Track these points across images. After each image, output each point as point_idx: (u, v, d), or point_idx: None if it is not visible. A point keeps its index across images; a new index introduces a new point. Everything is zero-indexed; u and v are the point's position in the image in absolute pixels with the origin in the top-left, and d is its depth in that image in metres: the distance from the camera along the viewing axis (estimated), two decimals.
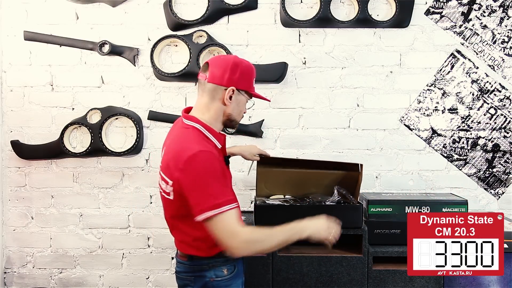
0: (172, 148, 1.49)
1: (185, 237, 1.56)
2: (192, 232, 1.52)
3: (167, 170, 1.48)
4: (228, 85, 1.51)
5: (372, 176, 2.47)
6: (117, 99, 2.49)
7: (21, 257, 2.55)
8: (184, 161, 1.39)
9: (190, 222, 1.46)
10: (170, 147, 1.51)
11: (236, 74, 1.52)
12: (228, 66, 1.52)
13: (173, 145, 1.50)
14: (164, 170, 1.50)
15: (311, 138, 2.48)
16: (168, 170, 1.47)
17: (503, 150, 2.45)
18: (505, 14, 2.42)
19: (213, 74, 1.51)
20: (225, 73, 1.51)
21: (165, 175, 1.49)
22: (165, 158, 1.52)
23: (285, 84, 2.45)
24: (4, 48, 2.49)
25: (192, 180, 1.39)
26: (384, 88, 2.46)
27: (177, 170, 1.42)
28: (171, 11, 2.41)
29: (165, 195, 1.53)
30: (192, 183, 1.39)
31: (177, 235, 1.60)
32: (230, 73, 1.51)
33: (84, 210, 2.52)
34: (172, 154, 1.47)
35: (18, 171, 2.52)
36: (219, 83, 1.51)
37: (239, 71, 1.53)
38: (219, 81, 1.51)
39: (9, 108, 2.50)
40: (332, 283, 2.01)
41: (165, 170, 1.49)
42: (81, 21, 2.47)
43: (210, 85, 1.52)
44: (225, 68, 1.51)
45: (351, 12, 2.43)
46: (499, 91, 2.44)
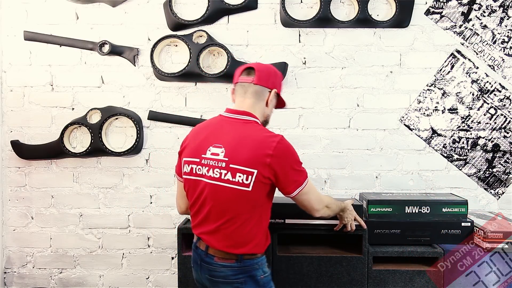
0: (247, 141, 1.56)
1: (244, 235, 1.57)
2: (259, 225, 1.59)
3: (247, 162, 1.53)
4: (272, 88, 1.68)
5: (372, 176, 2.47)
6: (117, 99, 2.49)
7: (21, 257, 2.55)
8: (274, 147, 1.54)
9: (261, 212, 1.59)
10: (243, 142, 1.56)
11: (278, 79, 1.72)
12: (272, 71, 1.70)
13: (248, 139, 1.56)
14: (243, 163, 1.53)
15: (311, 138, 2.48)
16: (249, 162, 1.53)
17: (503, 150, 2.45)
18: (505, 14, 2.42)
19: (261, 77, 1.65)
20: (270, 77, 1.68)
21: (245, 167, 1.53)
22: (240, 152, 1.54)
23: (285, 84, 2.45)
24: (4, 48, 2.49)
25: (287, 161, 1.57)
26: (384, 88, 2.46)
27: (267, 157, 1.53)
28: (171, 11, 2.41)
29: (239, 187, 1.54)
30: (287, 163, 1.57)
31: (228, 236, 1.58)
32: (273, 77, 1.69)
33: (84, 210, 2.52)
34: (252, 146, 1.54)
35: (18, 171, 2.52)
36: (265, 85, 1.66)
37: (279, 77, 1.73)
38: (265, 84, 1.66)
39: (9, 108, 2.50)
40: (332, 283, 2.01)
41: (245, 163, 1.53)
42: (81, 21, 2.47)
43: (257, 87, 1.65)
44: (270, 72, 1.69)
45: (351, 12, 2.43)
46: (499, 91, 2.44)
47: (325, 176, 2.48)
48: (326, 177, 2.48)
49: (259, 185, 1.54)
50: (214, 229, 1.58)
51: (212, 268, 1.60)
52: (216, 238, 1.59)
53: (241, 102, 1.66)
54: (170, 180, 2.49)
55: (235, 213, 1.56)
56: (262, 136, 1.57)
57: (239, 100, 1.67)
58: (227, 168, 1.54)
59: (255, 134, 1.58)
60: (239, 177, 1.53)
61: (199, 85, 2.47)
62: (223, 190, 1.55)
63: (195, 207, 1.64)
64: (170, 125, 2.48)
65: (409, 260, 2.07)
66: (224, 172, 1.54)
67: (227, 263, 1.58)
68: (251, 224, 1.57)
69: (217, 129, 1.62)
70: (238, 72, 1.70)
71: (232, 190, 1.54)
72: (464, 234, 2.10)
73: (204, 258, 1.62)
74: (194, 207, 1.64)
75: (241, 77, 1.67)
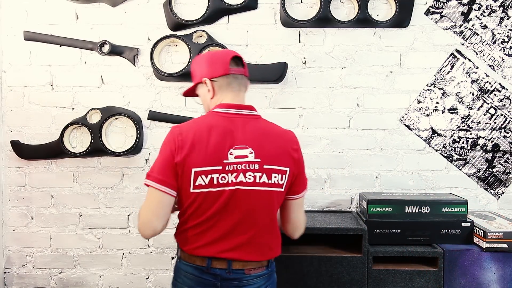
0: (272, 138, 1.44)
1: (275, 238, 1.50)
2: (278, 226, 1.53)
3: (280, 161, 1.42)
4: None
5: (372, 176, 2.47)
6: (117, 99, 2.49)
7: (21, 257, 2.55)
8: (295, 141, 1.49)
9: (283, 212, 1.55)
10: (267, 139, 1.43)
11: None
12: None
13: (271, 136, 1.45)
14: (276, 162, 1.42)
15: (311, 138, 2.48)
16: (281, 160, 1.43)
17: (503, 150, 2.45)
18: (505, 14, 2.42)
19: (246, 68, 1.55)
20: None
21: (279, 166, 1.42)
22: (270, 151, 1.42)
23: (285, 84, 2.45)
24: (4, 48, 2.49)
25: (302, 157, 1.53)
26: (384, 88, 2.46)
27: (294, 152, 1.47)
28: (171, 11, 2.41)
29: (275, 188, 1.42)
30: (303, 159, 1.53)
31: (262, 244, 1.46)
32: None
33: (84, 210, 2.52)
34: (279, 143, 1.45)
35: (18, 171, 2.52)
36: (247, 75, 1.56)
37: None
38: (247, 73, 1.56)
39: (9, 108, 2.50)
40: (332, 283, 2.01)
41: (278, 161, 1.42)
42: (81, 21, 2.47)
43: (246, 79, 1.55)
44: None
45: (351, 12, 2.43)
46: (499, 91, 2.44)
47: (325, 176, 2.48)
48: (326, 177, 2.48)
49: (289, 183, 1.46)
50: (246, 241, 1.42)
51: (242, 283, 1.43)
52: (248, 250, 1.43)
53: (238, 96, 1.49)
54: None
55: (269, 218, 1.44)
56: (281, 130, 1.47)
57: (234, 93, 1.49)
58: (261, 170, 1.39)
59: (274, 129, 1.47)
60: (274, 178, 1.41)
61: None
62: (258, 195, 1.40)
63: (208, 223, 1.41)
64: (170, 125, 2.48)
65: (409, 260, 2.07)
66: (259, 174, 1.39)
67: (260, 272, 1.46)
68: (277, 224, 1.51)
69: (229, 128, 1.41)
70: (222, 61, 1.48)
71: (268, 193, 1.41)
72: (464, 234, 2.11)
73: (227, 276, 1.42)
74: (206, 224, 1.41)
75: (233, 68, 1.49)
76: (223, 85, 1.49)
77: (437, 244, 2.09)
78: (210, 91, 1.50)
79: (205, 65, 1.51)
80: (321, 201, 2.48)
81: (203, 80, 1.50)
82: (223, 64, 1.48)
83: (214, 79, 1.49)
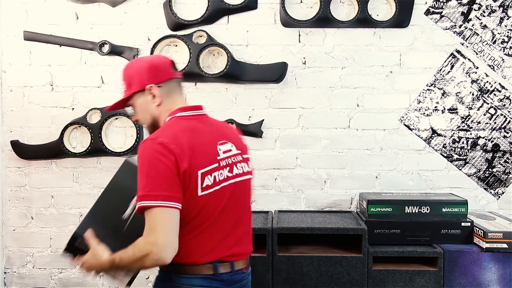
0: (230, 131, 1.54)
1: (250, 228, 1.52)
2: None
3: (246, 148, 1.52)
4: None
5: (372, 176, 2.47)
6: (117, 99, 2.47)
7: (21, 257, 2.55)
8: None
9: None
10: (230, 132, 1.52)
11: None
12: None
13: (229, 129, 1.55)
14: (245, 150, 1.51)
15: (311, 138, 2.48)
16: (245, 147, 1.52)
17: (503, 150, 2.45)
18: (505, 14, 2.42)
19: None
20: None
21: (248, 154, 1.52)
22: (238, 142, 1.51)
23: (285, 84, 2.45)
24: (4, 48, 2.49)
25: None
26: (384, 88, 2.46)
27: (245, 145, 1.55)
28: (171, 11, 2.41)
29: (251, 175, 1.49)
30: None
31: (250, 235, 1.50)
32: None
33: (84, 210, 2.52)
34: (236, 133, 1.55)
35: (18, 171, 2.52)
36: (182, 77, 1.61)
37: None
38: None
39: (9, 108, 2.50)
40: (332, 283, 2.01)
41: (245, 149, 1.52)
42: (81, 21, 2.47)
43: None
44: None
45: (351, 12, 2.43)
46: (499, 91, 2.44)
47: (325, 176, 2.48)
48: (326, 177, 2.48)
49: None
50: (244, 232, 1.44)
51: (243, 283, 1.44)
52: (246, 241, 1.45)
53: (184, 98, 1.52)
54: None
55: (250, 205, 1.51)
56: (227, 123, 1.59)
57: (182, 96, 1.50)
58: (243, 160, 1.47)
59: (224, 123, 1.61)
60: (250, 165, 1.50)
61: (199, 85, 2.47)
62: (248, 184, 1.47)
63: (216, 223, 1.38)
64: None
65: (409, 260, 2.07)
66: (244, 164, 1.46)
67: (249, 269, 1.48)
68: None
69: (204, 128, 1.44)
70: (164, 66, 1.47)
71: (250, 181, 1.49)
72: (464, 234, 2.11)
73: (232, 279, 1.41)
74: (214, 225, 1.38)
75: (174, 72, 1.49)
76: (169, 90, 1.45)
77: (437, 244, 2.09)
78: (156, 98, 1.42)
79: (147, 71, 1.43)
80: (321, 201, 2.48)
81: (147, 87, 1.42)
82: (166, 69, 1.46)
83: (160, 84, 1.43)
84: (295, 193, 2.48)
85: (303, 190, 2.48)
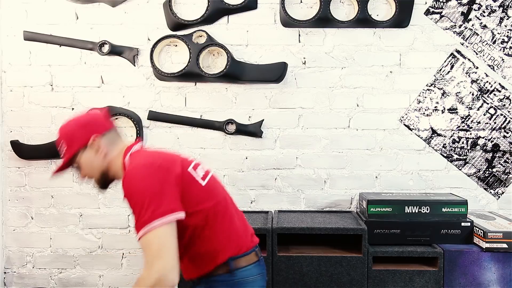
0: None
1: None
2: None
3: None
4: None
5: (372, 176, 2.47)
6: (117, 99, 2.48)
7: (21, 257, 2.55)
8: None
9: None
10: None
11: None
12: None
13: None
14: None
15: (311, 138, 2.48)
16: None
17: (503, 150, 2.45)
18: (505, 14, 2.42)
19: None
20: None
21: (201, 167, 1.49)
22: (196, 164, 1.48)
23: (285, 84, 2.45)
24: (4, 48, 2.49)
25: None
26: (384, 88, 2.46)
27: None
28: (171, 11, 2.41)
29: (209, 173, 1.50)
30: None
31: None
32: None
33: (84, 210, 2.52)
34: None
35: (18, 171, 2.52)
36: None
37: None
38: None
39: (9, 108, 2.50)
40: (332, 283, 2.01)
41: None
42: (81, 21, 2.47)
43: None
44: None
45: (351, 12, 2.43)
46: (499, 91, 2.44)
47: (325, 176, 2.48)
48: (326, 177, 2.48)
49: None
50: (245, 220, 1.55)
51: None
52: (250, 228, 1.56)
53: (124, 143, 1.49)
54: None
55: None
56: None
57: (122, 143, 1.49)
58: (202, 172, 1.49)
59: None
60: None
61: (199, 85, 2.47)
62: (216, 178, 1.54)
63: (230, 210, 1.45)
64: (170, 125, 2.48)
65: (409, 260, 2.07)
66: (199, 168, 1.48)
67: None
68: None
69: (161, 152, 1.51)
70: (101, 118, 1.49)
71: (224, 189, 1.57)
72: (464, 234, 2.11)
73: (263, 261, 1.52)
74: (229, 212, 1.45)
75: (112, 122, 1.53)
76: (112, 138, 1.47)
77: (437, 244, 2.09)
78: (100, 149, 1.43)
79: (86, 126, 1.45)
80: (321, 201, 2.48)
81: (91, 140, 1.42)
82: (103, 120, 1.48)
83: (104, 135, 1.44)
84: (295, 193, 2.48)
85: (303, 190, 2.48)
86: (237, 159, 2.48)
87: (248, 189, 2.49)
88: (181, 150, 2.47)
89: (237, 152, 2.48)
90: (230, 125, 2.46)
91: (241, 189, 2.48)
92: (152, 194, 1.27)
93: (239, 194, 2.47)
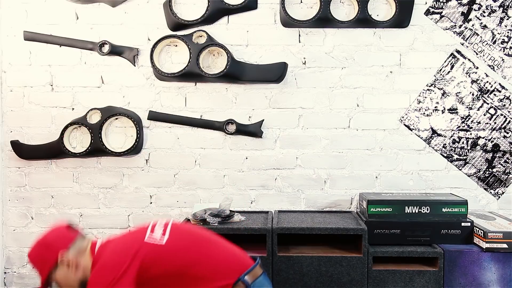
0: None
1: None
2: None
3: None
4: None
5: (372, 176, 2.47)
6: (117, 99, 2.49)
7: (21, 257, 2.55)
8: None
9: None
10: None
11: None
12: None
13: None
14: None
15: (311, 138, 2.48)
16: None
17: (503, 150, 2.45)
18: (505, 14, 2.42)
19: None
20: None
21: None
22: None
23: (285, 84, 2.45)
24: (4, 48, 2.49)
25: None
26: (384, 88, 2.46)
27: None
28: (171, 11, 2.41)
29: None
30: None
31: None
32: None
33: (84, 210, 2.52)
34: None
35: (18, 171, 2.52)
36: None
37: None
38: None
39: (9, 108, 2.50)
40: (332, 283, 2.01)
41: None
42: (81, 21, 2.47)
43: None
44: None
45: (351, 12, 2.43)
46: (499, 91, 2.44)
47: (325, 176, 2.48)
48: (326, 177, 2.48)
49: None
50: None
51: None
52: None
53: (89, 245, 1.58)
54: (170, 180, 2.49)
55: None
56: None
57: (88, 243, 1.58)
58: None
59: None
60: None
61: (199, 85, 2.47)
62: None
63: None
64: (170, 125, 2.48)
65: (409, 260, 2.07)
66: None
67: None
68: None
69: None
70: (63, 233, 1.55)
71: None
72: (464, 234, 2.11)
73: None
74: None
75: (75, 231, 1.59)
76: (79, 248, 1.52)
77: (437, 244, 2.09)
78: (71, 262, 1.49)
79: (51, 246, 1.50)
80: (321, 201, 2.48)
81: (59, 257, 1.48)
82: (65, 234, 1.53)
83: (70, 248, 1.49)
84: (295, 193, 2.48)
85: (303, 190, 2.48)
86: (237, 159, 2.48)
87: (248, 189, 2.49)
88: (181, 150, 2.48)
89: (237, 152, 2.48)
90: (230, 125, 2.46)
91: (241, 189, 2.48)
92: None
93: (239, 194, 2.47)
